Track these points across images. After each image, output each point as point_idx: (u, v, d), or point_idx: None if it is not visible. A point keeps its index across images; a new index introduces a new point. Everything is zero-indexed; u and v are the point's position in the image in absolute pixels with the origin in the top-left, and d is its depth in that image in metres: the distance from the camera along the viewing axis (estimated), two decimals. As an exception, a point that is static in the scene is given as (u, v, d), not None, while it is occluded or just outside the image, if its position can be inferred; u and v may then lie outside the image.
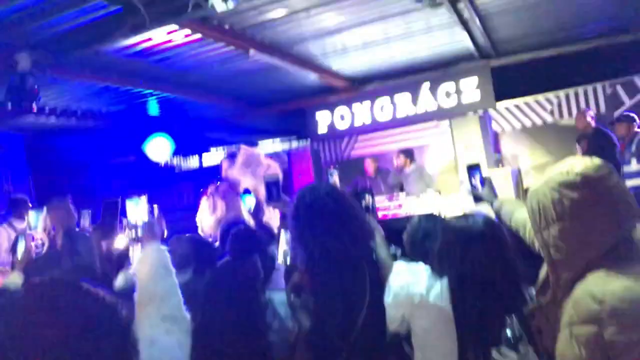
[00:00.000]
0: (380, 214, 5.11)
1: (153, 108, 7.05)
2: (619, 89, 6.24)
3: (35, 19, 3.79)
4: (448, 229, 1.87)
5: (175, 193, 8.95)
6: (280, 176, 3.02)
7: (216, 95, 6.85)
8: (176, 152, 8.40)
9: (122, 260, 2.75)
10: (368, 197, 2.33)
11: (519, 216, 1.95)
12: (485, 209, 2.25)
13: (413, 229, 2.29)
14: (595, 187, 1.20)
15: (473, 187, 2.30)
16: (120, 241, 2.77)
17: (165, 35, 4.43)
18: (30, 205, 5.61)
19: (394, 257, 2.10)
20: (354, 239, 1.95)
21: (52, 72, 4.72)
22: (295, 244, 2.06)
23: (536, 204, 1.30)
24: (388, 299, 1.84)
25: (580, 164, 1.25)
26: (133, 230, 2.06)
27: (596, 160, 1.25)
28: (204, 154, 10.04)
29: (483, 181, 2.29)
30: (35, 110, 4.89)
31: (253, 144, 9.28)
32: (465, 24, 5.03)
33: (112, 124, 7.17)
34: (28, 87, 4.24)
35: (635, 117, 5.32)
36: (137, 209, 2.11)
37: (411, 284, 1.79)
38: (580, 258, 1.20)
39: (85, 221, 3.59)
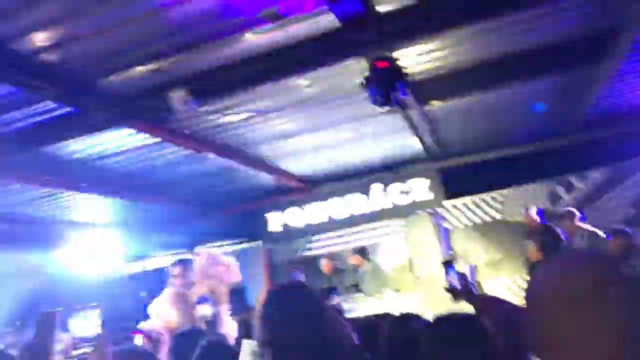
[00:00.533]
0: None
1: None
2: (558, 186, 6.66)
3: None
4: (430, 330, 1.74)
5: (114, 300, 8.24)
6: (242, 283, 2.84)
7: (166, 197, 6.63)
8: (117, 257, 7.90)
9: None
10: (334, 297, 2.21)
11: None
12: (465, 307, 2.16)
13: (389, 332, 2.14)
14: (590, 275, 1.15)
15: (450, 284, 2.24)
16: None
17: (120, 138, 4.31)
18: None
19: None
20: (332, 344, 1.78)
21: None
22: (266, 349, 1.85)
23: (535, 303, 1.22)
24: None
25: (580, 257, 1.21)
26: (78, 348, 1.77)
27: (597, 256, 1.21)
28: (148, 258, 9.51)
29: (459, 277, 2.23)
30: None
31: (201, 247, 8.95)
32: (414, 129, 5.30)
33: (48, 229, 6.68)
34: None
35: (576, 212, 5.62)
36: (85, 323, 1.83)
37: None
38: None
39: (9, 339, 3.13)
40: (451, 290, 2.19)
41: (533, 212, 5.96)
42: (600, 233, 5.35)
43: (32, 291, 7.19)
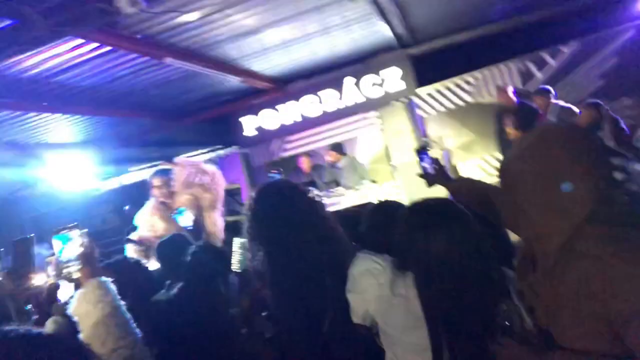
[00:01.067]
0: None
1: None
2: (530, 64, 6.61)
3: None
4: (405, 216, 1.73)
5: (97, 217, 8.32)
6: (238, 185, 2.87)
7: (132, 109, 6.41)
8: (93, 175, 7.83)
9: (49, 302, 2.42)
10: (312, 191, 2.21)
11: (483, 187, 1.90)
12: (440, 192, 2.19)
13: (369, 219, 2.18)
14: (570, 148, 1.15)
15: (424, 169, 2.24)
16: (39, 280, 2.44)
17: (70, 49, 4.02)
18: None
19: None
20: (320, 238, 1.83)
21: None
22: (254, 245, 1.90)
23: (508, 175, 1.24)
24: (350, 292, 1.74)
25: (547, 129, 1.22)
26: (65, 268, 1.78)
27: (565, 125, 1.22)
28: (125, 173, 9.45)
29: (432, 162, 2.23)
30: None
31: (179, 157, 8.89)
32: (383, 14, 5.05)
33: (18, 154, 6.49)
34: None
35: (551, 89, 5.64)
36: (68, 244, 1.83)
37: (373, 276, 1.69)
38: (563, 226, 1.13)
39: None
40: (425, 175, 2.20)
41: (509, 91, 5.95)
42: (573, 108, 5.43)
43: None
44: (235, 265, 2.47)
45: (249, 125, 7.37)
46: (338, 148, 6.89)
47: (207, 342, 2.18)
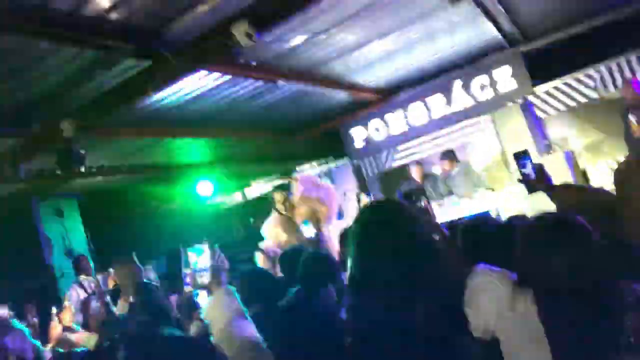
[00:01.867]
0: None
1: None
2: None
3: (73, 88, 3.97)
4: (526, 232, 1.70)
5: (226, 230, 9.08)
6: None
7: (252, 130, 6.95)
8: (220, 190, 8.55)
9: (191, 308, 2.77)
10: (423, 198, 2.24)
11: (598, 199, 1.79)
12: (542, 200, 2.11)
13: (485, 232, 2.18)
14: None
15: (525, 176, 2.17)
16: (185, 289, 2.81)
17: (195, 81, 4.54)
18: (91, 262, 5.85)
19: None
20: (415, 260, 1.80)
21: (94, 134, 4.93)
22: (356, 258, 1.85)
23: (623, 183, 1.19)
24: (467, 306, 1.73)
25: None
26: (198, 278, 2.07)
27: None
28: (246, 188, 10.17)
29: (535, 169, 2.15)
30: (84, 171, 5.10)
31: (292, 170, 9.37)
32: (488, 14, 4.91)
33: (157, 174, 7.39)
34: (74, 151, 4.44)
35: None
36: (201, 255, 2.13)
37: (491, 291, 1.67)
38: None
39: (150, 273, 3.67)
40: (526, 182, 2.13)
41: (635, 84, 5.37)
42: None
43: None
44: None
45: (359, 136, 7.54)
46: (450, 155, 6.71)
47: (319, 347, 2.30)
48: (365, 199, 6.01)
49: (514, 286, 1.61)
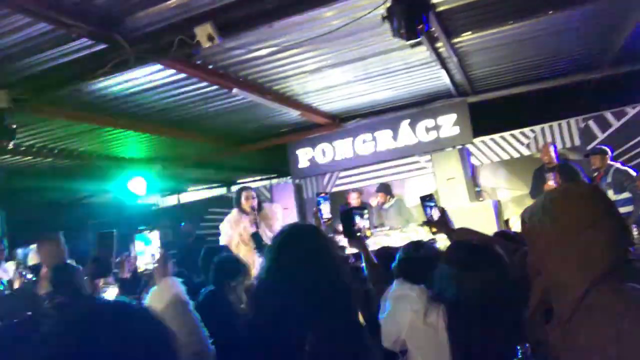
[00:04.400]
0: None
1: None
2: (592, 123, 6.47)
3: (16, 58, 3.75)
4: (448, 253, 1.90)
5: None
6: None
7: (197, 134, 6.83)
8: (154, 191, 8.30)
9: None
10: (365, 213, 2.38)
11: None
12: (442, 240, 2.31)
13: (409, 253, 2.30)
14: (590, 206, 1.22)
15: (428, 218, 2.35)
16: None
17: (147, 74, 4.43)
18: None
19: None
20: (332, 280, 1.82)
21: (30, 111, 4.66)
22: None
23: (528, 231, 1.31)
24: (384, 316, 1.84)
25: (570, 186, 1.28)
26: (144, 265, 2.01)
27: (584, 184, 1.28)
28: (182, 193, 9.93)
29: (439, 211, 2.32)
30: (11, 147, 4.79)
31: (234, 182, 9.27)
32: (443, 63, 5.19)
33: (90, 163, 7.05)
34: (5, 124, 4.16)
35: (608, 149, 5.50)
36: (149, 244, 2.06)
37: (408, 303, 1.79)
38: (581, 279, 1.19)
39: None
40: (429, 223, 2.31)
41: (551, 149, 5.87)
42: (630, 171, 5.27)
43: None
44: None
45: (305, 157, 7.63)
46: (386, 189, 6.95)
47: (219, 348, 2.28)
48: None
49: (429, 300, 1.75)
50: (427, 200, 2.38)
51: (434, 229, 2.33)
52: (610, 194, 5.13)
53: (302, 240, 1.81)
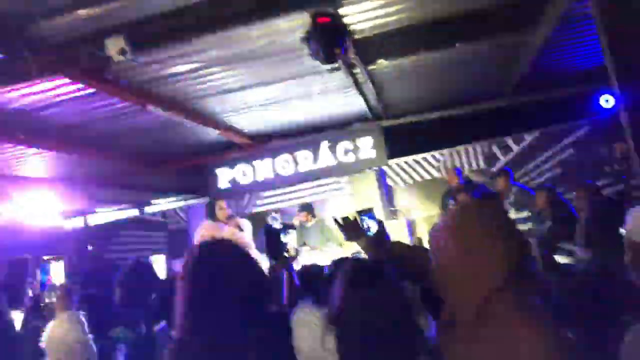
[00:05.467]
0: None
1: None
2: (494, 147, 7.01)
3: None
4: (339, 274, 1.77)
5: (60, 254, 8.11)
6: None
7: (108, 151, 6.45)
8: (58, 213, 7.70)
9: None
10: (290, 232, 2.33)
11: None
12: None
13: (329, 272, 2.30)
14: (485, 222, 1.30)
15: (365, 232, 2.36)
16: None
17: (51, 87, 4.14)
18: None
19: None
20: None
21: None
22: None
23: (435, 243, 1.37)
24: (293, 339, 1.78)
25: (470, 202, 1.37)
26: (47, 296, 1.83)
27: (483, 200, 1.36)
28: (90, 214, 9.30)
29: (378, 224, 2.35)
30: None
31: (147, 202, 8.85)
32: (359, 88, 5.37)
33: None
34: None
35: (510, 171, 5.98)
36: (50, 273, 1.89)
37: (308, 328, 1.76)
38: (480, 290, 1.25)
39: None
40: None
41: (456, 173, 6.31)
42: (529, 190, 5.75)
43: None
44: None
45: (224, 177, 7.48)
46: (308, 208, 7.01)
47: None
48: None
49: (327, 324, 1.67)
50: (365, 213, 2.37)
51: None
52: (512, 212, 5.54)
53: (215, 258, 1.69)
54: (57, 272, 2.29)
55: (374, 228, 2.29)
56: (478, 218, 1.30)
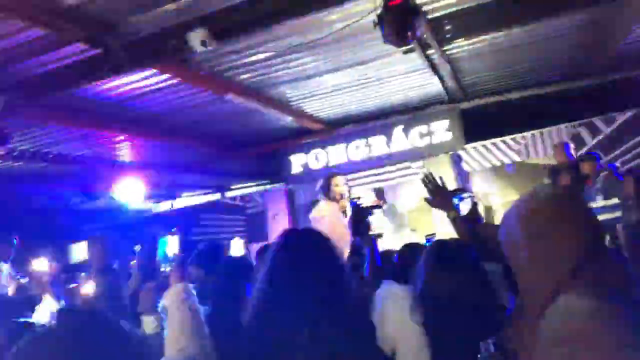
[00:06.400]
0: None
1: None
2: (582, 129, 6.57)
3: (9, 62, 3.76)
4: (423, 254, 1.96)
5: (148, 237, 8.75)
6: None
7: (191, 139, 6.84)
8: (148, 196, 8.27)
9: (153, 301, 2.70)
10: (375, 212, 2.41)
11: None
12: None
13: (399, 254, 2.36)
14: (557, 208, 1.26)
15: (456, 210, 2.36)
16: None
17: (141, 79, 4.46)
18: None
19: None
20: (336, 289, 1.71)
21: (24, 116, 4.66)
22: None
23: (504, 231, 1.35)
24: (376, 315, 1.87)
25: (539, 189, 1.33)
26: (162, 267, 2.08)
27: (556, 187, 1.32)
28: (175, 199, 9.91)
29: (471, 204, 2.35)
30: (3, 153, 4.79)
31: (227, 187, 9.28)
32: (435, 69, 5.25)
33: (84, 169, 7.03)
34: (-1, 129, 4.17)
35: (597, 155, 5.59)
36: (167, 246, 2.13)
37: (395, 302, 1.84)
38: (548, 280, 1.22)
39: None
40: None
41: (568, 148, 5.91)
42: (618, 176, 5.35)
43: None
44: None
45: (298, 163, 7.65)
46: (379, 193, 7.01)
47: None
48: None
49: (414, 298, 1.78)
50: (458, 193, 2.40)
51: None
52: (600, 199, 5.20)
53: (301, 245, 1.77)
54: (173, 246, 2.55)
55: (464, 209, 2.31)
56: (546, 204, 1.27)
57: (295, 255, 1.72)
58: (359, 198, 6.83)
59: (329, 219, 4.64)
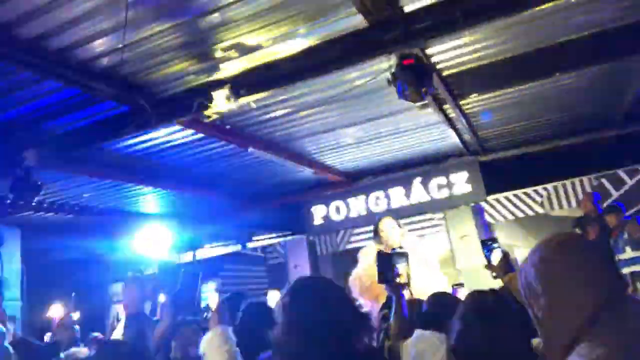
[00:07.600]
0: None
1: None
2: (605, 181, 6.47)
3: (44, 119, 4.01)
4: (463, 304, 1.97)
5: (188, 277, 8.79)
6: None
7: (214, 191, 7.00)
8: (171, 247, 8.36)
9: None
10: (403, 259, 2.42)
11: None
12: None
13: (428, 303, 2.37)
14: (572, 256, 1.26)
15: (488, 261, 2.38)
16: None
17: (167, 134, 4.66)
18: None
19: None
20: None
21: (56, 169, 4.90)
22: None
23: (523, 279, 1.35)
24: None
25: (557, 236, 1.33)
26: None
27: (572, 233, 1.33)
28: (198, 249, 9.99)
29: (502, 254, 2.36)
30: (34, 203, 4.98)
31: (249, 238, 9.34)
32: (451, 123, 5.33)
33: (110, 219, 7.23)
34: (32, 181, 4.36)
35: (623, 206, 5.48)
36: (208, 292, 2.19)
37: (432, 352, 1.83)
38: (565, 329, 1.20)
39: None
40: (490, 267, 2.33)
41: (594, 199, 5.81)
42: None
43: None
44: None
45: (319, 214, 7.70)
46: (401, 246, 6.93)
47: None
48: None
49: (449, 349, 1.83)
50: (488, 243, 2.42)
51: (494, 273, 2.35)
52: (628, 250, 5.05)
53: (310, 293, 1.78)
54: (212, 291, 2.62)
55: (495, 259, 2.32)
56: (563, 251, 1.27)
57: (299, 305, 1.74)
58: (400, 247, 6.76)
59: (367, 262, 4.59)
